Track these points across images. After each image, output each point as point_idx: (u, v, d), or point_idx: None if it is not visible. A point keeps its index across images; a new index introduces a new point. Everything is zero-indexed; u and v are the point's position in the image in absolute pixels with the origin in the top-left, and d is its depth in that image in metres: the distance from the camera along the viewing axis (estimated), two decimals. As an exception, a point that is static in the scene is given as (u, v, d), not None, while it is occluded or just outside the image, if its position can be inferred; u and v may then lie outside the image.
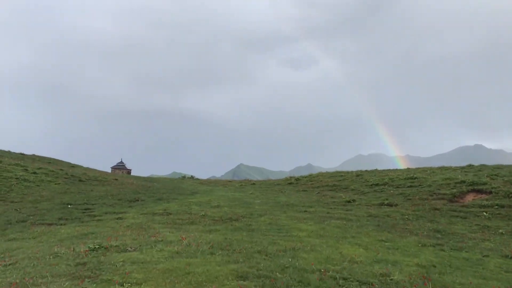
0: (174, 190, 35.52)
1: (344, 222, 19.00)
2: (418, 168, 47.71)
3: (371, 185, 34.03)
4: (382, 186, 32.22)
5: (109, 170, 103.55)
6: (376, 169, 52.72)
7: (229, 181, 54.05)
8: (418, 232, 17.03)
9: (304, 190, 36.84)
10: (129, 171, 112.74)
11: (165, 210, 23.09)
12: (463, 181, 27.76)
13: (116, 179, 41.11)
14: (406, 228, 18.00)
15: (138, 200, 28.30)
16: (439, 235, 16.55)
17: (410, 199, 26.11)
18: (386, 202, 25.33)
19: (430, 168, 44.58)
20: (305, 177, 50.20)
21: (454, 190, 25.88)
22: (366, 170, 51.82)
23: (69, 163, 57.57)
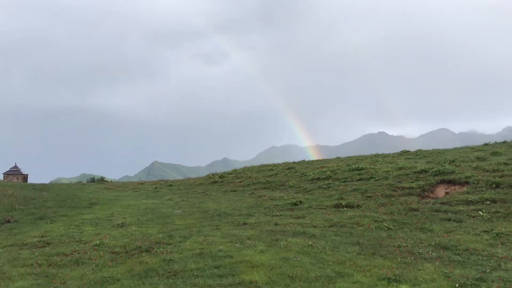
0: (67, 201, 27.41)
1: (308, 242, 13.11)
2: (351, 157, 43.99)
3: (312, 179, 28.83)
4: (326, 181, 27.10)
5: (1, 177, 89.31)
6: (304, 160, 48.25)
7: (141, 183, 46.27)
8: (421, 253, 11.65)
9: (233, 190, 30.68)
10: (25, 177, 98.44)
11: (42, 236, 15.59)
12: (425, 170, 23.46)
13: (-10, 191, 31.74)
14: (399, 246, 12.58)
15: (9, 222, 20.21)
16: (454, 256, 11.27)
17: (370, 196, 21.08)
18: (342, 202, 20.00)
19: (364, 157, 40.92)
20: (230, 173, 44.12)
21: (422, 183, 21.33)
22: (295, 162, 47.13)
23: None
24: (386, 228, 15.15)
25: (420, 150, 39.94)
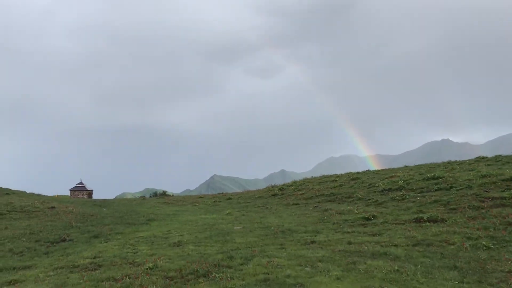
0: (125, 217, 26.79)
1: (392, 265, 10.93)
2: (422, 165, 40.64)
3: (382, 191, 26.29)
4: (399, 192, 24.49)
5: (68, 193, 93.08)
6: (369, 170, 45.39)
7: (200, 197, 45.53)
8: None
9: (296, 204, 28.75)
10: (90, 193, 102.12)
11: (95, 258, 14.52)
12: (516, 178, 20.36)
13: (53, 207, 31.97)
14: (510, 272, 10.11)
15: (65, 240, 19.56)
16: None
17: (454, 208, 18.33)
18: (423, 216, 17.44)
19: (437, 164, 37.56)
20: (290, 185, 42.24)
21: (517, 192, 18.33)
22: (359, 172, 44.47)
23: (8, 189, 47.60)
24: (484, 247, 12.57)
25: (500, 155, 36.00)
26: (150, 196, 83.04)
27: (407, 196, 22.94)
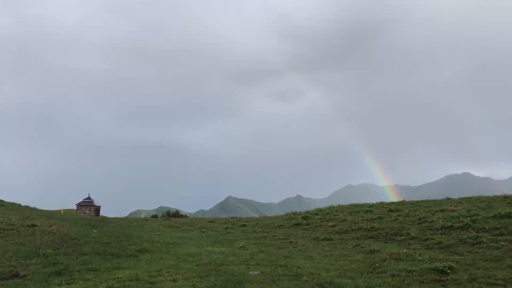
0: (112, 244, 21.37)
1: None
2: (471, 198, 34.51)
3: (442, 228, 20.39)
4: (468, 232, 18.58)
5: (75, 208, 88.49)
6: (404, 200, 39.26)
7: (211, 221, 39.83)
8: None
9: (328, 239, 22.87)
10: (97, 209, 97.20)
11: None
12: None
13: (34, 225, 26.77)
14: None
15: (17, 276, 14.22)
16: None
17: None
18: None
19: (491, 198, 31.43)
20: (315, 213, 36.35)
21: None
22: (393, 202, 38.54)
23: (19, 205, 42.66)
24: None
25: None
26: (163, 215, 77.87)
27: (482, 238, 17.00)
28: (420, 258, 14.94)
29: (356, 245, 19.64)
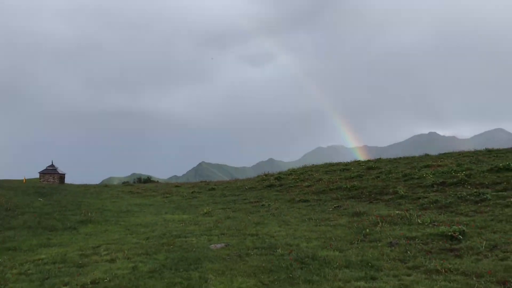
0: (53, 214, 18.13)
1: None
2: (463, 152, 32.53)
3: (433, 185, 17.98)
4: (468, 189, 16.19)
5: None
6: (381, 158, 37.05)
7: (177, 186, 36.75)
8: None
9: (304, 200, 20.21)
10: (61, 176, 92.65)
11: None
12: None
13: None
14: None
15: None
16: None
17: None
18: None
19: (479, 152, 29.54)
20: (288, 173, 33.73)
21: None
22: (370, 160, 36.32)
23: None
24: None
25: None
26: (134, 182, 74.64)
27: (486, 195, 14.55)
28: (419, 220, 12.33)
29: (337, 206, 16.99)
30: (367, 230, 11.94)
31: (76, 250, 11.25)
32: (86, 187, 35.87)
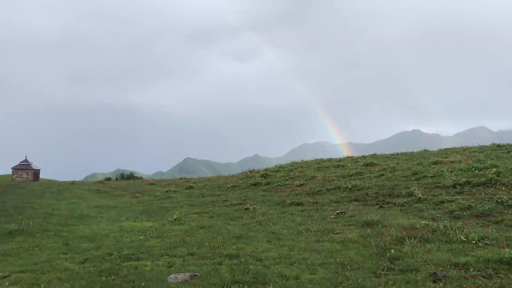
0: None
1: None
2: (451, 149, 29.72)
3: (455, 185, 14.73)
4: (501, 190, 12.97)
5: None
6: (376, 154, 33.98)
7: (152, 183, 33.03)
8: None
9: (297, 204, 16.69)
10: (36, 172, 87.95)
11: None
12: None
13: None
14: None
15: None
16: None
17: None
18: None
19: (481, 147, 26.74)
20: (276, 170, 30.33)
21: None
22: (365, 156, 33.29)
23: None
24: None
25: None
26: (117, 178, 70.58)
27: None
28: (461, 237, 8.94)
29: (341, 212, 13.54)
30: (392, 251, 8.51)
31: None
32: (49, 185, 31.87)
